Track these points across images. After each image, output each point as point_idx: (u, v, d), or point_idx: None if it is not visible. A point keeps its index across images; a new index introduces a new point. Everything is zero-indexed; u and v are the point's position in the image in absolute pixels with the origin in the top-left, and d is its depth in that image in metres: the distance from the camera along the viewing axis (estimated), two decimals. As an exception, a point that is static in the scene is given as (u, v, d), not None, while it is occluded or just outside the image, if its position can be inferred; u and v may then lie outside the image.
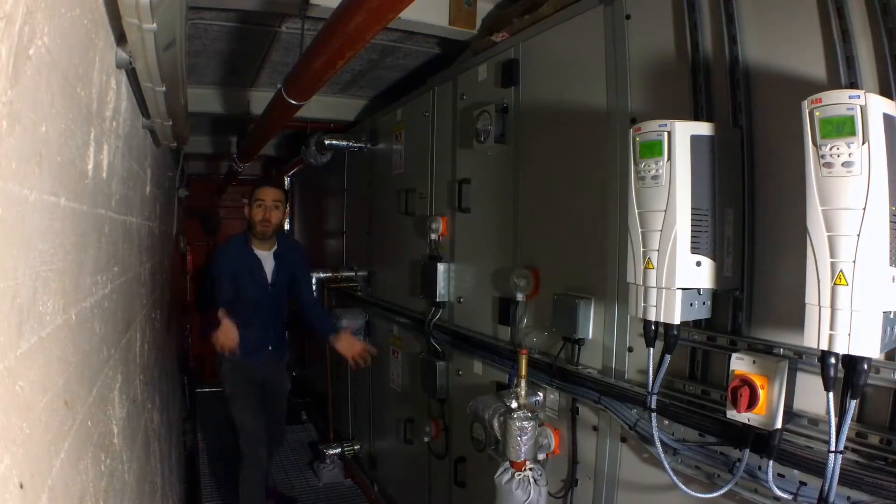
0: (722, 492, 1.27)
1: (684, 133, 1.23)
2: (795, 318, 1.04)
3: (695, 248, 1.23)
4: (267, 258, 3.01)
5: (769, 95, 1.28)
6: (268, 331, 3.06)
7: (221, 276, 2.89)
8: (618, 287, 1.63)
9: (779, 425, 1.16)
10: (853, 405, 1.03)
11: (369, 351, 2.96)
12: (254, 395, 3.03)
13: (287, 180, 5.98)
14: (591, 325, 1.73)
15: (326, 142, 3.61)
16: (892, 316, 0.96)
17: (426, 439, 2.67)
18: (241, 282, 2.91)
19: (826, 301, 0.96)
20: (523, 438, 1.72)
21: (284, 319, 3.27)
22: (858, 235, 0.93)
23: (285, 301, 3.23)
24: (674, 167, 1.22)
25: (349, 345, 2.95)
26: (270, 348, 3.09)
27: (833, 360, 1.01)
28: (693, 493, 1.32)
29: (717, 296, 1.33)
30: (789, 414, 1.19)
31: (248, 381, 3.00)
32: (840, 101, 0.94)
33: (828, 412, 1.03)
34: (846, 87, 1.10)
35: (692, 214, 1.22)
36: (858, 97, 0.92)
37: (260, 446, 3.01)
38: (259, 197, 2.92)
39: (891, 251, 0.93)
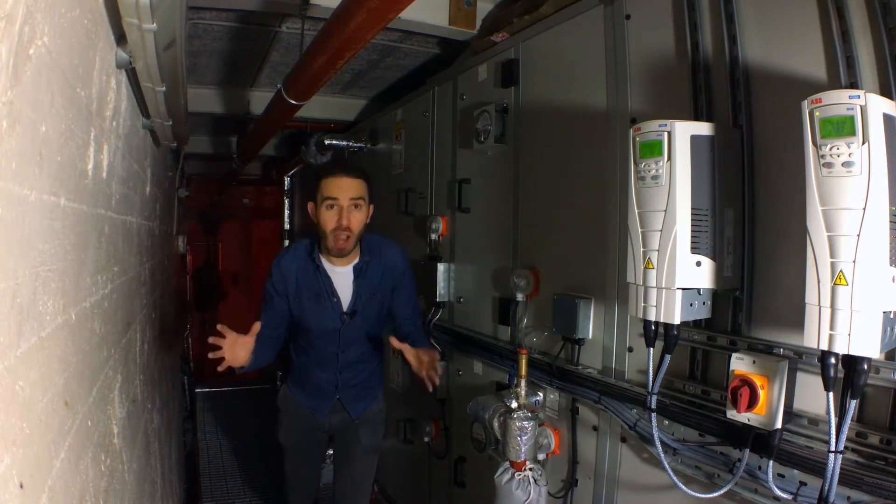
0: (722, 492, 1.27)
1: (684, 133, 1.22)
2: (795, 318, 1.04)
3: (695, 248, 1.23)
4: (344, 276, 2.05)
5: (769, 95, 1.28)
6: (336, 377, 2.17)
7: (271, 302, 2.06)
8: (618, 287, 1.63)
9: (779, 425, 1.16)
10: (853, 405, 1.03)
11: (432, 357, 1.94)
12: (309, 445, 2.32)
13: (287, 180, 5.98)
14: (591, 325, 1.73)
15: (326, 142, 3.61)
16: (892, 316, 0.96)
17: (426, 439, 2.67)
18: (304, 311, 2.06)
19: (826, 301, 0.96)
20: (523, 438, 1.72)
21: (373, 360, 2.25)
22: (858, 235, 0.93)
23: (375, 336, 2.20)
24: (674, 167, 1.22)
25: (418, 361, 1.93)
26: (339, 398, 2.20)
27: (833, 360, 1.01)
28: (693, 493, 1.32)
29: (717, 296, 1.33)
30: (789, 414, 1.19)
31: (306, 427, 2.27)
32: (840, 101, 0.94)
33: (828, 412, 1.03)
34: (846, 87, 1.10)
35: (692, 214, 1.22)
36: (858, 97, 0.92)
37: (302, 499, 2.41)
38: (329, 194, 1.90)
39: (891, 251, 0.93)
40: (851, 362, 1.00)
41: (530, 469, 1.75)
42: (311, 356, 2.16)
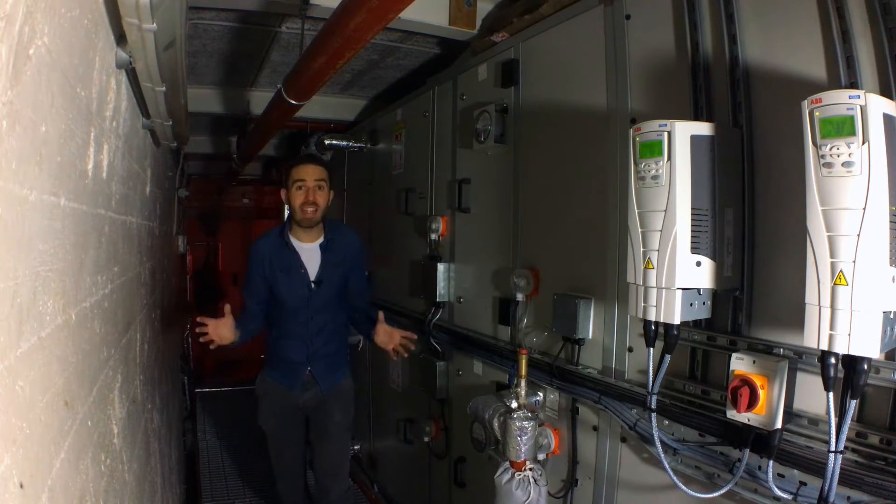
0: (722, 492, 1.27)
1: (684, 133, 1.23)
2: (795, 318, 1.04)
3: (695, 248, 1.23)
4: (311, 252, 2.41)
5: (769, 95, 1.28)
6: (307, 347, 2.43)
7: (252, 279, 2.40)
8: (618, 287, 1.63)
9: (779, 425, 1.16)
10: (853, 405, 1.03)
11: (408, 337, 2.33)
12: (289, 425, 2.52)
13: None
14: (591, 325, 1.73)
15: (326, 142, 3.61)
16: (892, 316, 0.96)
17: (426, 439, 2.67)
18: (277, 283, 2.38)
19: (826, 301, 0.96)
20: (523, 438, 1.72)
21: (339, 333, 2.54)
22: (858, 235, 0.93)
23: (339, 309, 2.52)
24: (674, 167, 1.22)
25: (388, 336, 2.33)
26: (310, 370, 2.44)
27: (833, 360, 1.01)
28: (693, 493, 1.32)
29: (717, 296, 1.33)
30: (789, 414, 1.19)
31: (284, 408, 2.48)
32: (840, 101, 0.94)
33: (828, 412, 1.03)
34: (846, 87, 1.10)
35: (692, 214, 1.22)
36: (858, 97, 0.92)
37: (291, 486, 2.62)
38: (298, 177, 2.32)
39: (891, 251, 0.93)
40: (851, 362, 1.00)
41: (530, 469, 1.75)
42: (284, 329, 2.44)
